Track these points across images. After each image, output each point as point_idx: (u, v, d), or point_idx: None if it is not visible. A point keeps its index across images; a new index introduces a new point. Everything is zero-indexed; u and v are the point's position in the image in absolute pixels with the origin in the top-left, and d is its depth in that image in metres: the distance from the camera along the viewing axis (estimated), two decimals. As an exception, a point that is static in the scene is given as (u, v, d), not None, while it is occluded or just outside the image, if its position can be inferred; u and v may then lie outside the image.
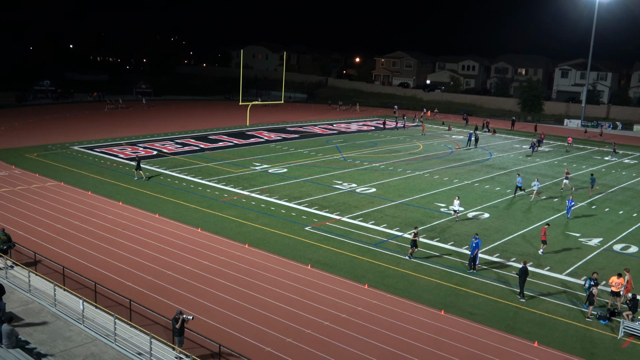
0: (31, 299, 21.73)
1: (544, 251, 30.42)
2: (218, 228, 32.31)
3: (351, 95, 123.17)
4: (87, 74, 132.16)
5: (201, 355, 18.43)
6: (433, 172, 49.39)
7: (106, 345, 18.64)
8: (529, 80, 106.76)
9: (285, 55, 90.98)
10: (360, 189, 42.54)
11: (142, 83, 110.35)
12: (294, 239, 31.06)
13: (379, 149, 60.52)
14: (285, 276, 26.04)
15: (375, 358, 19.57)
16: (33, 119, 72.76)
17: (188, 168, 47.46)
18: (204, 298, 23.45)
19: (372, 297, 24.29)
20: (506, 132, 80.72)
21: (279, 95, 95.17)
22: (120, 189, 39.83)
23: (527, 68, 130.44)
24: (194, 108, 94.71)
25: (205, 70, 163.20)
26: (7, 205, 34.89)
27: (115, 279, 24.89)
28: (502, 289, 25.67)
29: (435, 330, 21.70)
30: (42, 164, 47.10)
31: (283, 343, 20.25)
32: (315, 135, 69.51)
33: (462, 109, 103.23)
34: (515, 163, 55.95)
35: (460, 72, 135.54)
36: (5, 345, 17.12)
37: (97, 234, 30.46)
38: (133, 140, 60.19)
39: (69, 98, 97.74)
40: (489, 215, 37.15)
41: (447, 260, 28.81)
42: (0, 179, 41.50)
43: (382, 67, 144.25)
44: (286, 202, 38.10)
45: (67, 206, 35.38)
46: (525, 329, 22.15)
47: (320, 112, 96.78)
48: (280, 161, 51.80)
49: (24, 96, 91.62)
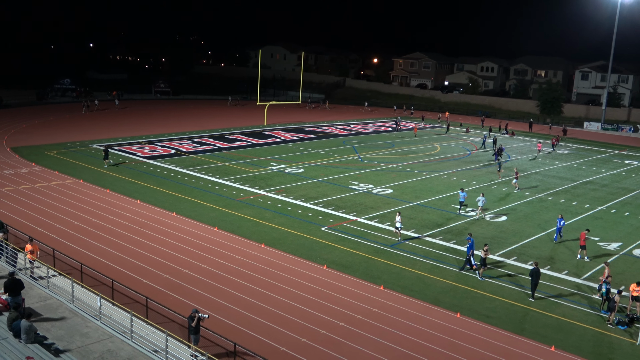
0: (49, 295, 21.96)
1: (587, 257, 30.02)
2: (234, 227, 32.43)
3: (368, 95, 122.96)
4: (107, 73, 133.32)
5: (216, 353, 18.50)
6: (450, 174, 49.15)
7: (123, 342, 18.78)
8: (549, 82, 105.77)
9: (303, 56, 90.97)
10: (377, 190, 42.46)
11: (161, 82, 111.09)
12: (310, 239, 31.08)
13: (395, 150, 60.36)
14: (300, 276, 26.06)
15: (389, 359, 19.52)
16: (53, 117, 73.55)
17: (205, 167, 47.69)
18: (220, 297, 23.54)
19: (388, 299, 24.22)
20: (524, 134, 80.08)
21: (297, 95, 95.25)
22: (138, 187, 40.13)
23: (547, 70, 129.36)
24: (212, 107, 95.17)
25: (223, 70, 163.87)
26: (27, 202, 35.31)
27: (133, 276, 25.08)
28: (518, 292, 25.47)
29: (450, 332, 21.59)
30: (61, 161, 47.61)
31: (298, 343, 20.27)
32: (332, 135, 69.49)
33: (479, 111, 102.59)
34: (533, 165, 55.49)
35: (478, 73, 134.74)
36: (24, 341, 17.32)
37: (115, 232, 30.72)
38: (151, 139, 60.62)
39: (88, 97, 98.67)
40: (506, 217, 36.89)
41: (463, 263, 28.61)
42: (21, 176, 42.01)
43: (400, 68, 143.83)
44: (302, 202, 38.14)
45: (86, 204, 35.72)
46: (542, 332, 21.96)
47: (337, 113, 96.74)
48: (297, 161, 51.87)
49: (43, 94, 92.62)
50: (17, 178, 41.22)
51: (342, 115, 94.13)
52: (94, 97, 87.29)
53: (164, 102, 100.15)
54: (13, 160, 47.19)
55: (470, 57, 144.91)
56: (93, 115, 77.66)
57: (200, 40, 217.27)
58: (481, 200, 36.37)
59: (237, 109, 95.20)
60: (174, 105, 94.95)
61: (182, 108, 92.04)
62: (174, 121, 75.53)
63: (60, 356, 17.11)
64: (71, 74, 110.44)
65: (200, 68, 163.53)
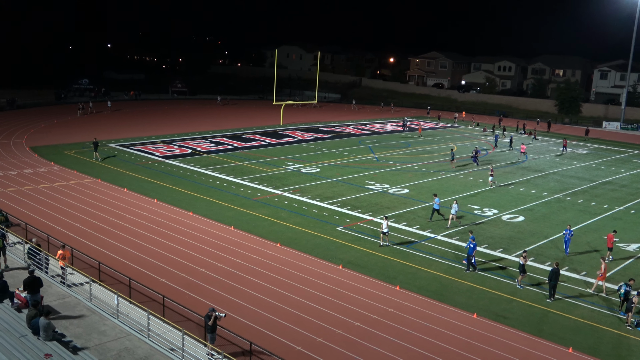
0: (68, 293, 22.17)
1: (613, 258, 29.86)
2: (251, 227, 32.51)
3: (385, 95, 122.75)
4: (125, 73, 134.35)
5: (232, 352, 18.56)
6: (467, 174, 48.87)
7: (140, 340, 18.91)
8: (567, 81, 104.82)
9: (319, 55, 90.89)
10: (393, 189, 42.35)
11: (178, 82, 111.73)
12: (325, 238, 31.07)
13: (412, 150, 60.16)
14: (316, 276, 26.07)
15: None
16: (71, 117, 74.25)
17: (222, 167, 47.88)
18: (236, 296, 23.62)
19: (404, 299, 24.15)
20: (542, 134, 79.40)
21: (313, 95, 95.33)
22: (156, 187, 40.39)
23: (565, 69, 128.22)
24: (228, 107, 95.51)
25: (239, 70, 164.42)
26: (46, 201, 35.69)
27: (150, 275, 25.24)
28: (535, 293, 25.26)
29: (467, 333, 21.47)
30: (79, 161, 48.05)
31: (314, 343, 20.28)
32: (348, 135, 69.42)
33: (497, 110, 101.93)
34: (551, 165, 55.02)
35: (496, 72, 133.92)
36: (43, 338, 17.50)
37: (132, 231, 30.94)
38: (168, 138, 60.99)
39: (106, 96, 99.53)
40: (523, 218, 36.61)
41: (480, 263, 28.44)
42: (40, 175, 42.47)
43: (417, 68, 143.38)
44: (318, 201, 38.15)
45: (104, 203, 36.02)
46: (560, 334, 21.77)
47: (353, 113, 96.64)
48: (313, 161, 51.88)
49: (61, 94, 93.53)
50: (36, 177, 41.68)
51: (359, 115, 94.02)
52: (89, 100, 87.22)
53: (181, 101, 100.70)
54: (32, 160, 47.72)
55: (488, 56, 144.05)
56: (111, 115, 78.29)
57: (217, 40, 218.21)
58: (454, 208, 33.76)
59: (227, 107, 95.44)
60: (191, 105, 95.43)
61: (199, 108, 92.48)
62: (191, 121, 75.92)
63: (78, 354, 17.27)
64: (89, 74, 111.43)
65: (216, 68, 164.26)
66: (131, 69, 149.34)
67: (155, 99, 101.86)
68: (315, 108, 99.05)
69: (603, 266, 25.58)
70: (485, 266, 28.16)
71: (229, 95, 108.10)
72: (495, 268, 27.98)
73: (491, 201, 40.19)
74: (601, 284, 25.76)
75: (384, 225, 29.85)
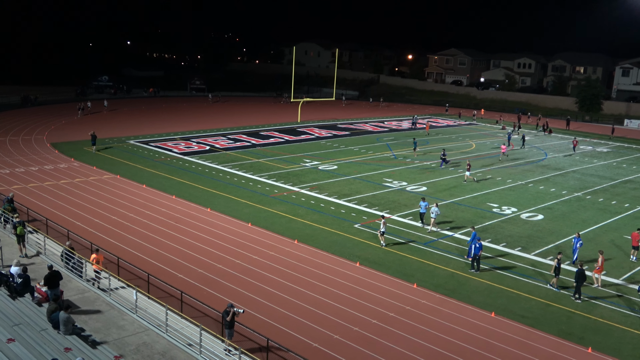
0: (87, 288, 22.40)
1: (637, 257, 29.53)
2: (268, 223, 32.59)
3: (403, 92, 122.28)
4: (143, 70, 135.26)
5: (249, 348, 18.62)
6: (485, 172, 48.54)
7: (158, 335, 19.05)
8: (588, 78, 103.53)
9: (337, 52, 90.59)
10: (411, 187, 42.19)
11: (196, 79, 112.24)
12: (343, 236, 31.05)
13: (430, 147, 59.86)
14: (333, 273, 26.06)
15: (423, 358, 19.38)
16: (91, 114, 74.90)
17: (239, 163, 48.04)
18: (253, 292, 23.70)
19: (421, 297, 24.07)
20: (562, 131, 78.60)
21: (331, 92, 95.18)
22: (174, 183, 40.64)
23: (586, 66, 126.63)
24: (246, 104, 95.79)
25: (257, 67, 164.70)
26: (66, 197, 36.07)
27: (168, 270, 25.41)
28: (555, 293, 25.03)
29: (485, 332, 21.33)
30: (99, 157, 48.50)
31: (331, 340, 20.28)
32: (366, 132, 69.27)
33: (516, 108, 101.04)
34: (571, 164, 54.44)
35: (515, 70, 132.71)
36: (63, 332, 17.69)
37: (151, 227, 31.17)
38: (187, 135, 61.32)
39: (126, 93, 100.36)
40: (542, 216, 36.28)
41: (499, 262, 28.27)
42: (60, 171, 42.94)
43: (435, 65, 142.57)
44: (336, 199, 38.12)
45: (123, 199, 36.32)
46: (579, 334, 21.55)
47: (371, 110, 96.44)
48: (331, 158, 51.86)
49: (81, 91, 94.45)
50: (56, 173, 42.14)
51: (376, 112, 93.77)
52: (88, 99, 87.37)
53: (199, 98, 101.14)
54: (53, 156, 48.27)
55: (507, 53, 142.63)
56: (131, 112, 78.88)
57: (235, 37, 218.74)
58: (434, 212, 31.82)
59: (245, 105, 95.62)
60: (209, 102, 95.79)
61: (217, 104, 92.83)
62: (209, 118, 76.26)
63: (97, 348, 17.43)
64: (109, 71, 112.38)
65: (235, 65, 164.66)
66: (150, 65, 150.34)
67: (174, 95, 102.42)
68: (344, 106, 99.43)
69: (600, 259, 25.70)
70: (504, 265, 27.95)
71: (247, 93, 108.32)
72: (513, 267, 27.76)
73: (510, 199, 39.87)
74: (597, 276, 25.90)
75: (382, 225, 29.51)
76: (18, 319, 18.25)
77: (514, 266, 27.85)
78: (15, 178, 40.03)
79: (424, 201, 33.28)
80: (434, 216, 31.79)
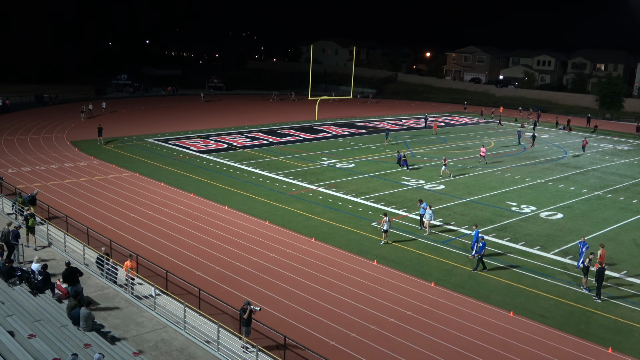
0: (106, 285, 22.61)
1: None
2: (285, 221, 32.64)
3: (421, 90, 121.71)
4: (162, 69, 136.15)
5: (266, 346, 18.68)
6: (504, 170, 48.17)
7: (176, 332, 19.18)
8: (609, 76, 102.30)
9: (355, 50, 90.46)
10: (429, 185, 42.00)
11: (215, 77, 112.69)
12: (360, 234, 31.00)
13: (448, 146, 59.53)
14: (350, 271, 26.03)
15: (441, 357, 19.29)
16: (110, 112, 75.56)
17: (257, 161, 48.16)
18: (270, 290, 23.75)
19: (439, 296, 23.95)
20: (582, 129, 77.76)
21: (348, 90, 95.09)
22: (192, 181, 40.86)
23: (607, 63, 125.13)
24: (264, 102, 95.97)
25: (275, 65, 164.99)
26: (86, 194, 36.42)
27: (186, 268, 25.56)
28: (574, 292, 24.78)
29: (503, 331, 21.18)
30: (118, 155, 48.91)
31: (348, 338, 20.26)
32: (384, 130, 69.05)
33: (535, 106, 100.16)
34: (591, 162, 53.83)
35: (535, 67, 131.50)
36: (82, 328, 17.87)
37: (169, 224, 31.37)
38: (204, 133, 61.61)
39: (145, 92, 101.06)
40: (562, 215, 35.91)
41: (518, 261, 28.05)
42: (80, 169, 43.38)
43: (454, 62, 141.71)
44: (353, 197, 38.07)
45: (141, 196, 36.59)
46: (599, 334, 21.31)
47: (389, 108, 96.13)
48: (348, 156, 51.80)
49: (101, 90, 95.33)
50: (76, 171, 42.58)
51: (394, 110, 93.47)
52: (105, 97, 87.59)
53: (217, 96, 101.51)
54: (73, 154, 48.77)
55: (526, 50, 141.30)
56: (149, 110, 79.40)
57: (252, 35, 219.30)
58: (429, 214, 31.16)
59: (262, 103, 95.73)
60: (227, 100, 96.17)
61: (235, 102, 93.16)
62: (227, 116, 76.53)
63: (116, 344, 17.58)
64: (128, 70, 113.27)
65: (252, 63, 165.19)
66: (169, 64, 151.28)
67: (192, 94, 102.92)
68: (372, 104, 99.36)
69: (600, 252, 25.63)
70: (523, 264, 27.72)
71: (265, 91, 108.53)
72: (532, 266, 27.52)
73: (529, 198, 39.53)
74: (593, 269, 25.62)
75: (385, 222, 29.29)
76: (39, 315, 18.46)
77: (533, 265, 27.60)
78: (36, 176, 40.52)
79: (422, 203, 32.44)
80: (429, 218, 31.18)
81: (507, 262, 27.80)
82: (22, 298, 19.77)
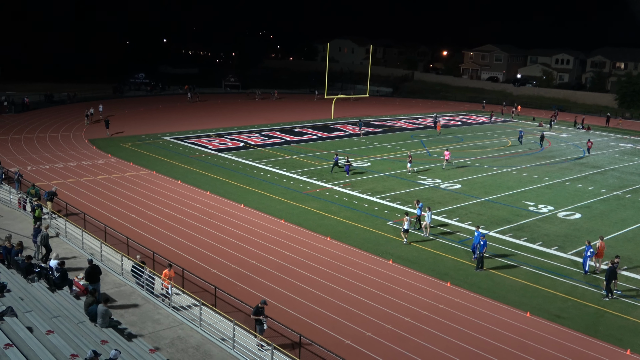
0: (123, 282, 22.79)
1: None
2: (301, 220, 32.67)
3: (437, 89, 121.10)
4: (179, 68, 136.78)
5: (282, 344, 18.70)
6: (522, 169, 47.80)
7: (192, 330, 19.28)
8: (628, 74, 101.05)
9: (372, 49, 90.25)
10: (445, 184, 41.80)
11: (231, 76, 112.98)
12: (375, 233, 30.94)
13: (465, 145, 59.22)
14: (366, 270, 25.99)
15: (456, 357, 19.19)
16: (128, 110, 76.13)
17: (273, 160, 48.24)
18: (286, 288, 23.78)
19: (455, 295, 23.83)
20: (601, 128, 76.93)
21: (364, 89, 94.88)
22: (208, 179, 41.03)
23: (627, 62, 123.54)
24: (280, 101, 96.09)
25: (291, 64, 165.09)
26: (103, 192, 36.73)
27: (202, 265, 25.68)
28: (592, 293, 24.53)
29: (520, 332, 21.02)
30: (135, 153, 49.25)
31: (363, 337, 20.24)
32: (400, 129, 68.86)
33: (554, 105, 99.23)
34: (610, 162, 53.24)
35: (553, 66, 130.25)
36: (100, 325, 18.02)
37: (186, 222, 31.52)
38: (221, 132, 61.83)
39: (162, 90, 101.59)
40: (580, 215, 35.57)
41: (535, 261, 27.83)
42: (98, 166, 43.74)
43: (471, 61, 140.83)
44: (369, 196, 38.00)
45: (158, 194, 36.82)
46: (617, 335, 21.07)
47: (405, 107, 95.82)
48: (364, 155, 51.70)
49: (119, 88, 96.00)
50: (94, 169, 42.95)
51: (410, 108, 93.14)
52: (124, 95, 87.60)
53: (234, 95, 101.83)
54: (91, 152, 49.20)
55: (545, 49, 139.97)
56: (166, 109, 79.83)
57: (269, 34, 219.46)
58: (428, 216, 30.63)
59: (278, 101, 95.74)
60: (243, 99, 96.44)
61: (251, 101, 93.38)
62: (244, 114, 76.73)
63: (132, 340, 17.71)
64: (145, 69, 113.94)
65: (269, 62, 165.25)
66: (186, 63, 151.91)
67: (208, 92, 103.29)
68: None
69: (599, 244, 25.92)
70: (540, 264, 27.50)
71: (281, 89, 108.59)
72: (549, 266, 27.29)
73: (547, 198, 39.20)
74: (592, 263, 26.06)
75: (406, 221, 29.24)
76: (57, 311, 18.65)
77: (550, 265, 27.37)
78: (54, 173, 40.93)
79: (419, 203, 32.03)
80: (428, 220, 30.71)
81: (524, 262, 27.59)
82: (41, 294, 19.99)
